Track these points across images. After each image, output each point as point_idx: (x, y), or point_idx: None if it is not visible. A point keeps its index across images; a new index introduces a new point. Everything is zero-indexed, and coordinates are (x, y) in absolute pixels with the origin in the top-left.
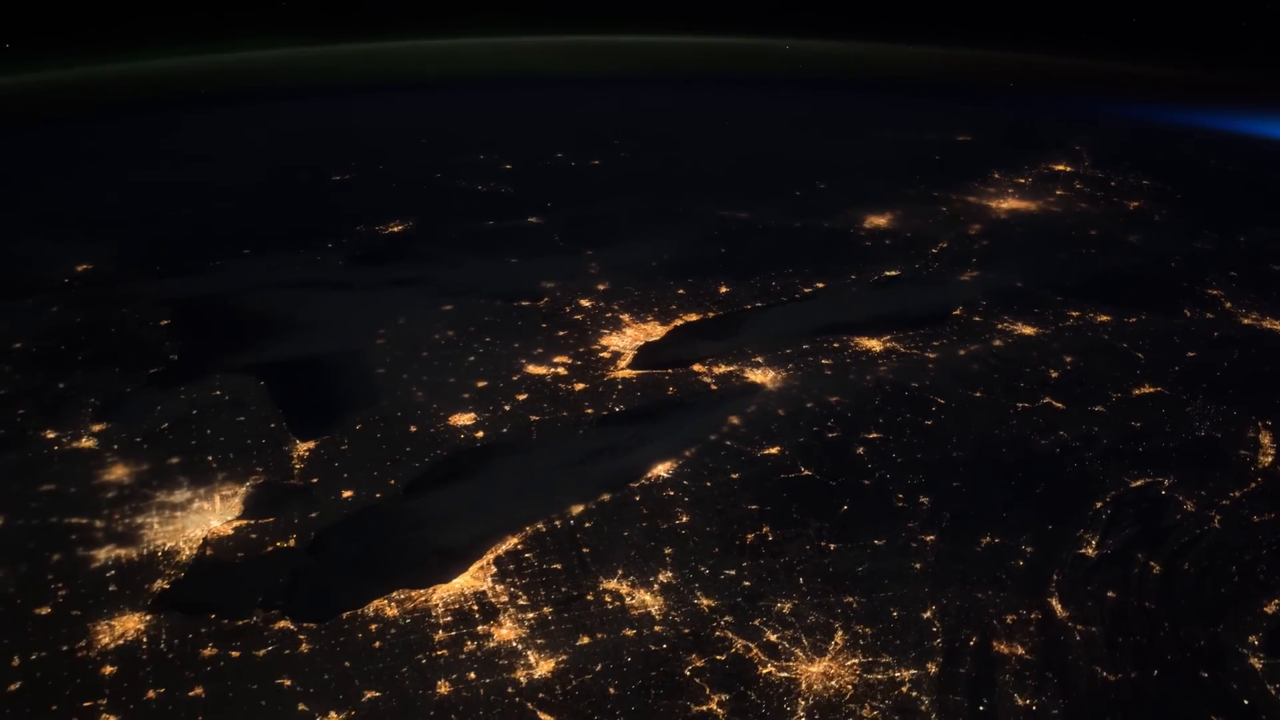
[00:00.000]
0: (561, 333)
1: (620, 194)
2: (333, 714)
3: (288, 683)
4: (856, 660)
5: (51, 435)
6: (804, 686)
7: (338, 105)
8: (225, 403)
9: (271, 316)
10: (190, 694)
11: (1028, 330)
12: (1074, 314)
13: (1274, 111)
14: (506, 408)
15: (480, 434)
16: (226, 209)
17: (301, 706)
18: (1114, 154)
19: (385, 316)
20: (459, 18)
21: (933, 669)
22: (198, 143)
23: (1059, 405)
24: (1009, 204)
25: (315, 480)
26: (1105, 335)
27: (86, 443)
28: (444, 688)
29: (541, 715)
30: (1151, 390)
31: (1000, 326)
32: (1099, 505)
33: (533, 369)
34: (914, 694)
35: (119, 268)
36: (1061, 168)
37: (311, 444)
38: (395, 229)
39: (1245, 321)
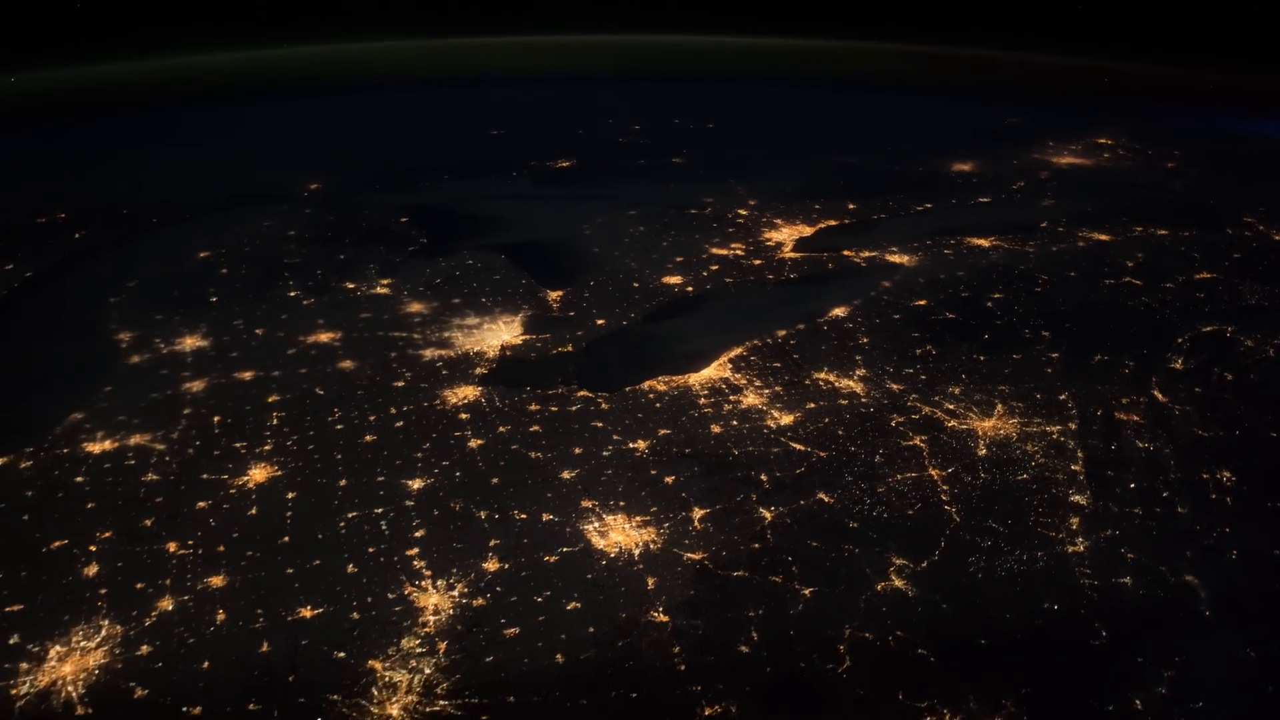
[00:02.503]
0: (730, 230)
1: (743, 145)
2: (639, 441)
3: (599, 424)
4: (1016, 420)
5: (350, 286)
6: (980, 433)
7: (442, 94)
8: (479, 268)
9: (490, 216)
10: (531, 429)
11: (1103, 237)
12: (1138, 229)
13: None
14: (704, 274)
15: (690, 289)
16: (412, 151)
17: (615, 436)
18: (1146, 135)
19: (583, 217)
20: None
21: (1073, 426)
22: (339, 117)
23: (1138, 282)
24: (1067, 160)
25: (572, 313)
26: (1166, 242)
27: (381, 290)
28: (716, 428)
29: (793, 445)
30: (1209, 276)
31: (1081, 234)
32: (1179, 341)
33: (716, 251)
34: (1063, 439)
35: (345, 187)
36: (1104, 141)
37: (559, 293)
38: (564, 164)
39: (1277, 238)
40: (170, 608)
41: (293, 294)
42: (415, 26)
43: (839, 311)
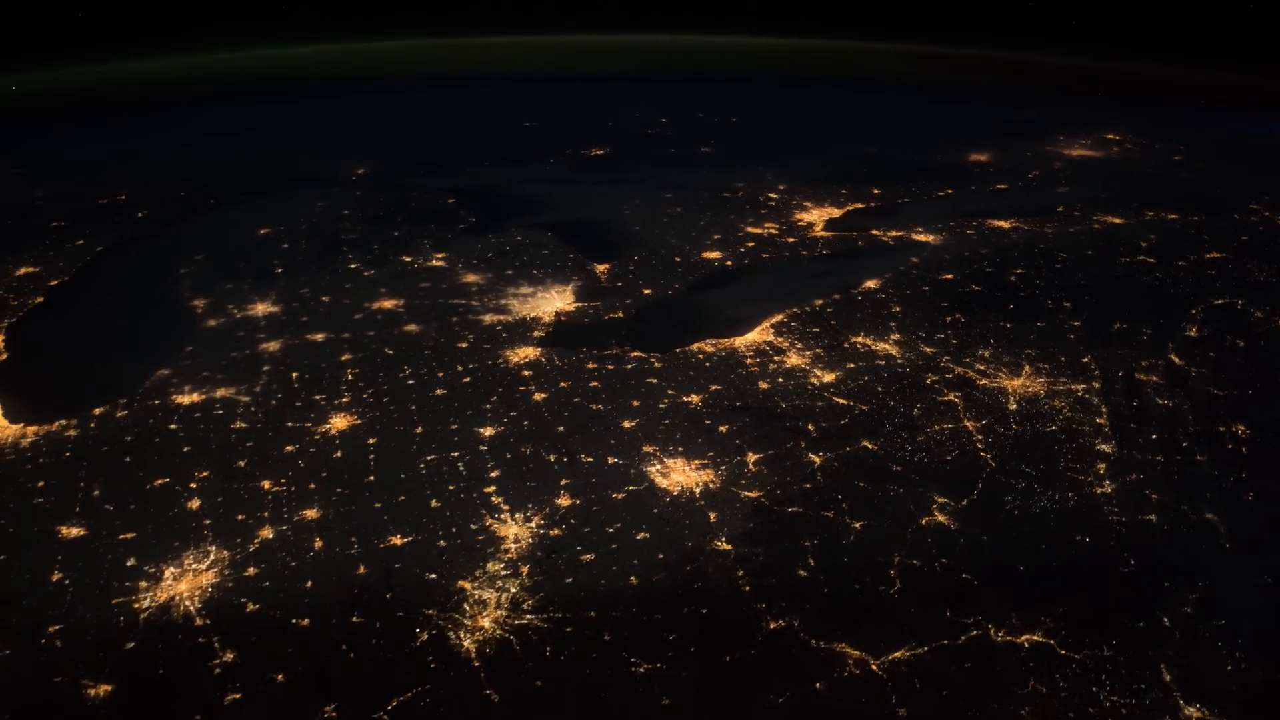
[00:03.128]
0: (763, 211)
1: (767, 136)
2: (693, 395)
3: (654, 381)
4: (1043, 380)
5: (408, 259)
6: (1010, 390)
7: (476, 91)
8: (528, 244)
9: (533, 198)
10: (590, 385)
11: (1117, 220)
12: (1150, 213)
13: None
14: (741, 250)
15: (729, 263)
16: (450, 140)
17: (670, 391)
18: (1151, 131)
19: (622, 200)
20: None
21: (1097, 385)
22: (366, 112)
23: (1151, 260)
24: (1079, 152)
25: (620, 284)
26: (1176, 226)
27: (437, 263)
28: (763, 385)
29: (836, 399)
30: (1218, 255)
31: (1095, 218)
32: (1193, 312)
33: (751, 229)
34: (1087, 396)
35: (389, 173)
36: (1112, 136)
37: (605, 266)
38: (598, 153)
39: None
40: (271, 536)
41: (353, 266)
42: (419, 26)
43: (871, 283)
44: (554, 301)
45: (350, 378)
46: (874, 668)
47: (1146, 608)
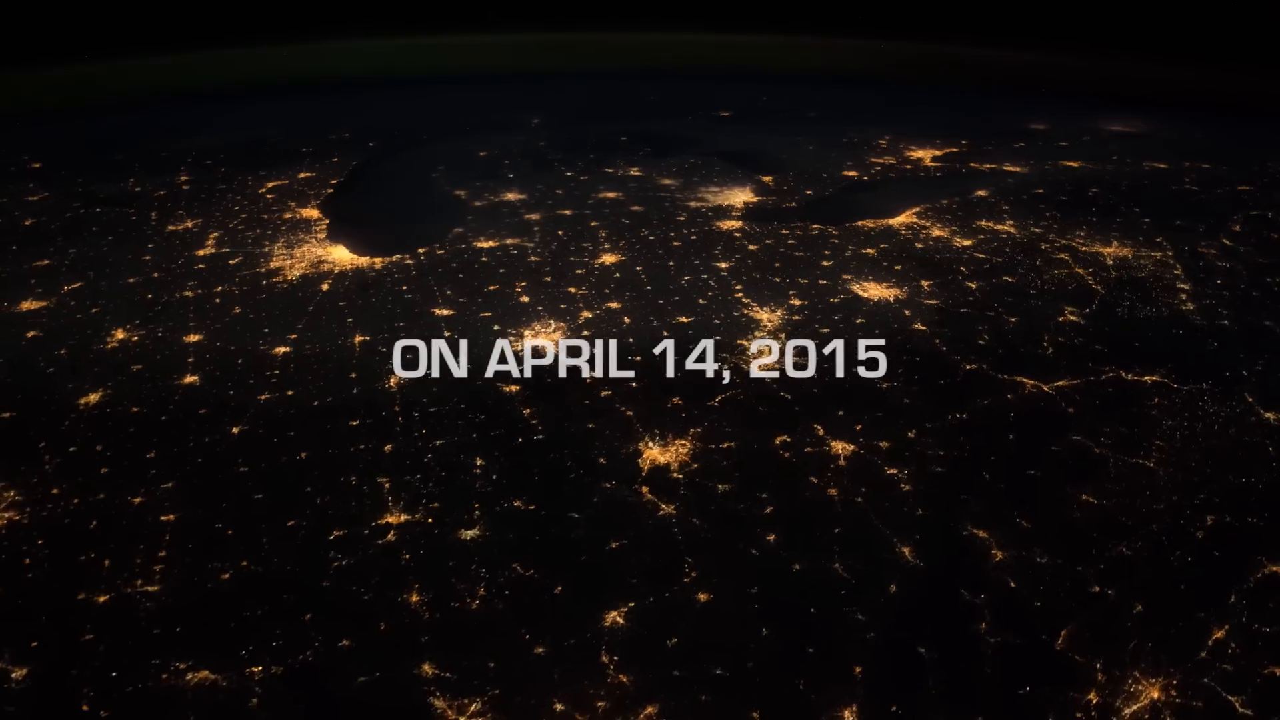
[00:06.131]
0: (874, 150)
1: (857, 109)
2: (869, 249)
3: (835, 241)
4: (1129, 249)
5: (610, 170)
6: (1105, 253)
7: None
8: (701, 164)
9: (688, 139)
10: (789, 242)
11: (1162, 165)
12: (1187, 163)
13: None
14: (869, 173)
15: (865, 178)
16: (592, 107)
17: (850, 247)
18: (1168, 122)
19: (756, 144)
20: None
21: (1170, 253)
22: (497, 92)
23: (1196, 188)
24: (1115, 127)
25: (785, 187)
26: (1209, 171)
27: (635, 173)
28: (919, 245)
29: (976, 254)
30: (1248, 188)
31: (1144, 161)
32: (1235, 217)
33: (875, 160)
34: (1164, 258)
35: (559, 123)
36: (1138, 121)
37: (770, 177)
38: (724, 114)
39: None
40: (590, 315)
41: (569, 174)
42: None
43: (981, 193)
44: (739, 196)
45: (604, 234)
46: (1045, 389)
47: (1229, 366)
